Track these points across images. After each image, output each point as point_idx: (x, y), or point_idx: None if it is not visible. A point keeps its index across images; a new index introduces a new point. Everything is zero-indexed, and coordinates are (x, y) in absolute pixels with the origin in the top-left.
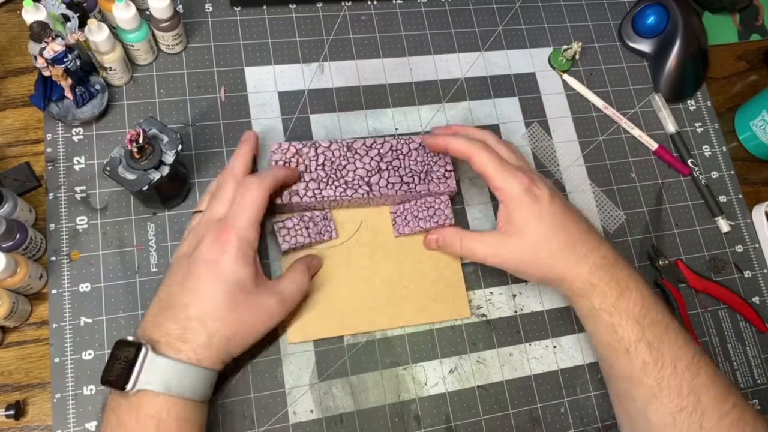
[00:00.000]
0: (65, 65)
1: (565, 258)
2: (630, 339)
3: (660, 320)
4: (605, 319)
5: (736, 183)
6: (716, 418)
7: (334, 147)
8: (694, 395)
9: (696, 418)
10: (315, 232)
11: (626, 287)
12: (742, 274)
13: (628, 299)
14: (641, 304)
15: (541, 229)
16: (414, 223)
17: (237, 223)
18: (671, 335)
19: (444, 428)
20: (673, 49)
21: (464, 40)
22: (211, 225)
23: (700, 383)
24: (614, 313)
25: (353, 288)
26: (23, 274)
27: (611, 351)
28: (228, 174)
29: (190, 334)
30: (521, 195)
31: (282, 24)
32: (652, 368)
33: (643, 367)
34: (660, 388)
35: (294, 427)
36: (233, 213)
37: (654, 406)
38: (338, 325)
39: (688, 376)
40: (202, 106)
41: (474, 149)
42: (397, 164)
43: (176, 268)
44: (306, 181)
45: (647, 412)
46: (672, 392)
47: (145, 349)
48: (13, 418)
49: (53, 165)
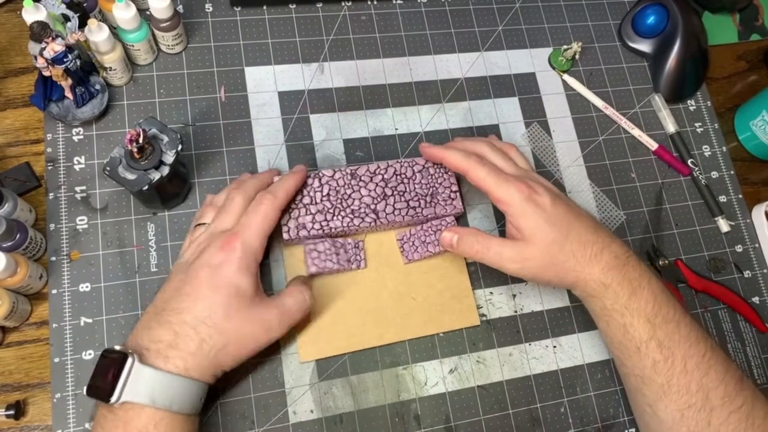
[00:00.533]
0: (65, 65)
1: (579, 260)
2: (641, 338)
3: (672, 317)
4: (617, 319)
5: (736, 183)
6: (725, 414)
7: (338, 176)
8: (702, 392)
9: (704, 415)
10: (344, 259)
11: (638, 286)
12: (741, 274)
13: (639, 298)
14: (653, 302)
15: (552, 235)
16: (423, 248)
17: (245, 233)
18: (683, 332)
19: (444, 428)
20: (673, 49)
21: (464, 40)
22: (216, 235)
23: (710, 381)
24: (626, 314)
25: (361, 302)
26: (23, 274)
27: (623, 349)
28: (240, 189)
29: (181, 340)
30: (523, 204)
31: (282, 24)
32: (662, 366)
33: (653, 366)
34: (669, 385)
35: (294, 427)
36: (243, 223)
37: (663, 402)
38: (348, 341)
39: (698, 375)
40: (202, 106)
41: (470, 164)
42: (402, 189)
43: (175, 275)
44: (312, 214)
45: (657, 409)
46: (681, 389)
47: (131, 359)
48: (13, 418)
49: (53, 165)
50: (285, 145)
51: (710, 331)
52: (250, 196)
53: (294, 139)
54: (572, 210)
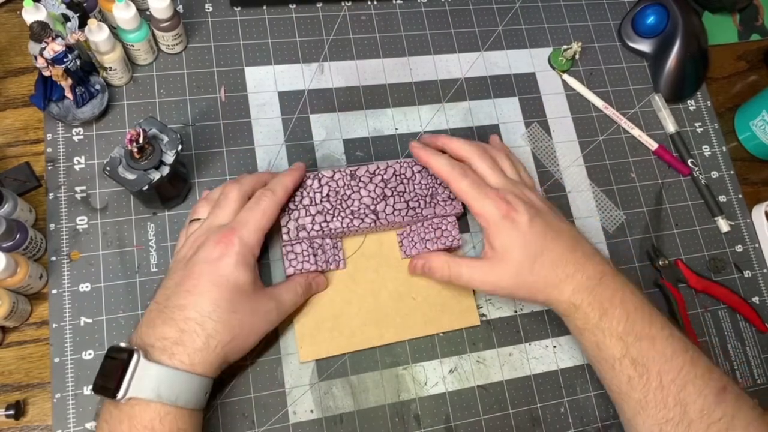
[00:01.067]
0: (65, 65)
1: (549, 281)
2: (614, 356)
3: (646, 334)
4: (590, 338)
5: (736, 183)
6: (704, 427)
7: (338, 176)
8: (680, 407)
9: (682, 429)
10: (323, 260)
11: (610, 306)
12: (741, 274)
13: (611, 318)
14: (625, 321)
15: (523, 255)
16: (421, 244)
17: (243, 228)
18: (658, 348)
19: (444, 428)
20: (673, 49)
21: (464, 40)
22: (213, 230)
23: (687, 395)
24: (597, 333)
25: (360, 302)
26: (23, 274)
27: (599, 365)
28: (235, 185)
29: (187, 337)
30: (499, 221)
31: (282, 24)
32: (637, 382)
33: (628, 381)
34: (646, 401)
35: (294, 427)
36: (242, 218)
37: (641, 417)
38: (347, 341)
39: (675, 389)
40: (202, 106)
41: (452, 175)
42: (401, 189)
43: (174, 271)
44: (312, 215)
45: (635, 423)
46: (658, 404)
47: (137, 356)
48: (13, 418)
49: (53, 165)
50: (285, 145)
51: (710, 331)
52: (245, 192)
53: (294, 139)
54: (551, 229)
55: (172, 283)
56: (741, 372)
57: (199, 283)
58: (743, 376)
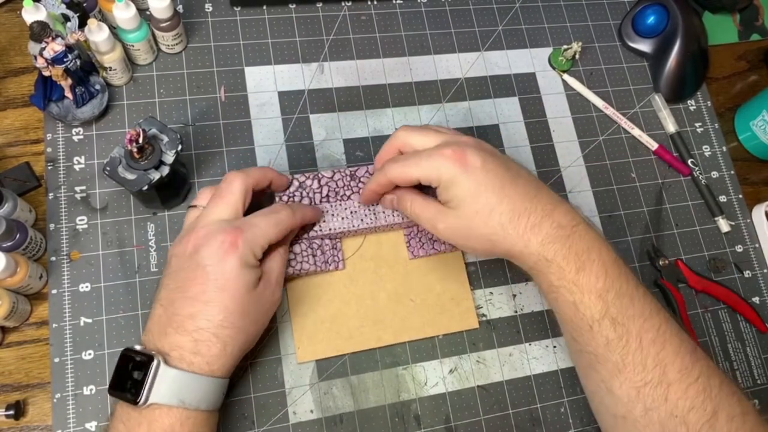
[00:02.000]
0: (65, 65)
1: (510, 232)
2: (593, 317)
3: (625, 292)
4: (566, 296)
5: (736, 183)
6: (683, 388)
7: (338, 177)
8: (659, 368)
9: (661, 391)
10: (322, 261)
11: (587, 259)
12: (742, 274)
13: (589, 273)
14: (604, 276)
15: (480, 204)
16: (429, 245)
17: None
18: (637, 307)
19: (444, 428)
20: (673, 49)
21: (464, 40)
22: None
23: (666, 355)
24: (575, 290)
25: (359, 303)
26: (23, 274)
27: (574, 327)
28: (240, 174)
29: (203, 347)
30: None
31: (282, 24)
32: (616, 344)
33: (606, 344)
34: (624, 363)
35: (294, 427)
36: (253, 221)
37: (619, 380)
38: (345, 342)
39: (654, 350)
40: (202, 106)
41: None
42: None
43: (175, 267)
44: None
45: (611, 386)
46: (637, 366)
47: (157, 361)
48: (13, 418)
49: (53, 165)
50: (285, 145)
51: (710, 331)
52: (249, 185)
53: (294, 139)
54: (508, 171)
55: (175, 284)
56: (741, 372)
57: (206, 290)
58: (743, 376)
